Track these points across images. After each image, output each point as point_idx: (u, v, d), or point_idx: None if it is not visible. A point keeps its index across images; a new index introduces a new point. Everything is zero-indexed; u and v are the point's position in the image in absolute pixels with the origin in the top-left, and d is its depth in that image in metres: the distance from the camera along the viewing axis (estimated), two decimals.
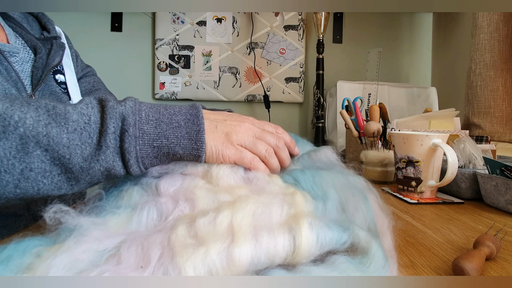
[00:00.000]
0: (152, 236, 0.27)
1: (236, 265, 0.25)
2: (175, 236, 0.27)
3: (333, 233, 0.28)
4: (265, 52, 1.46)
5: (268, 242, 0.26)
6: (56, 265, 0.24)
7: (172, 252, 0.25)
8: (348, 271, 0.26)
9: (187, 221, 0.29)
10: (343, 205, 0.34)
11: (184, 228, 0.28)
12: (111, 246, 0.27)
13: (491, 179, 0.53)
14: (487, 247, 0.33)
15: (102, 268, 0.24)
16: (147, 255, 0.25)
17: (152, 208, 0.33)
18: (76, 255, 0.25)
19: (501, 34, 1.02)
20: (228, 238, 0.26)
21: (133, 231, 0.30)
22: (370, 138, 0.78)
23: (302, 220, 0.28)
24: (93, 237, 0.27)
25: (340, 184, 0.37)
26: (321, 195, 0.35)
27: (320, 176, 0.38)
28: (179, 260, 0.24)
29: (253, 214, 0.29)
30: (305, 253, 0.27)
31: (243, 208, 0.29)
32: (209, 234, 0.27)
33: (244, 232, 0.27)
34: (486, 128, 1.05)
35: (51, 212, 0.29)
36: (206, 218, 0.29)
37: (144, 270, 0.24)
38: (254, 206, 0.30)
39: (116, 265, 0.25)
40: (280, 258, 0.26)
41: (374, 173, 0.75)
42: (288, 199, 0.32)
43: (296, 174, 0.40)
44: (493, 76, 1.03)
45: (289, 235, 0.27)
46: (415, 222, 0.46)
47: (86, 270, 0.24)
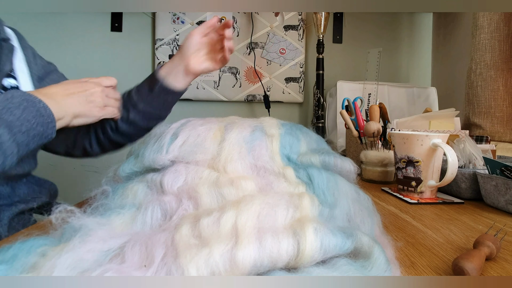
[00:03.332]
0: (156, 236, 0.27)
1: (238, 267, 0.24)
2: (179, 236, 0.27)
3: (337, 239, 0.28)
4: (265, 52, 1.46)
5: (272, 245, 0.26)
6: (61, 264, 0.24)
7: (175, 252, 0.25)
8: (349, 273, 0.26)
9: (191, 220, 0.29)
10: (350, 216, 0.34)
11: (188, 228, 0.28)
12: (116, 246, 0.27)
13: (491, 179, 0.53)
14: (487, 247, 0.33)
15: (105, 267, 0.24)
16: (151, 254, 0.25)
17: (156, 208, 0.33)
18: (80, 255, 0.25)
19: (501, 34, 1.02)
20: (232, 239, 0.26)
21: (138, 231, 0.30)
22: (370, 138, 0.78)
23: (307, 225, 0.28)
24: (98, 237, 0.28)
25: (352, 196, 0.38)
26: (330, 202, 0.35)
27: (335, 181, 0.38)
28: (182, 261, 0.24)
29: (258, 215, 0.29)
30: (308, 258, 0.26)
31: (248, 209, 0.29)
32: (213, 234, 0.27)
33: (248, 234, 0.26)
34: (486, 128, 1.05)
35: (57, 212, 0.30)
36: (210, 218, 0.29)
37: (147, 269, 0.24)
38: (259, 207, 0.30)
39: (120, 264, 0.25)
40: (283, 262, 0.26)
41: (374, 173, 0.75)
42: (295, 201, 0.32)
43: (313, 172, 0.39)
44: (494, 76, 1.03)
45: (293, 239, 0.27)
46: (415, 222, 0.46)
47: (90, 270, 0.24)
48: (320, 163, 0.41)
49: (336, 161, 0.42)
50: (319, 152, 0.43)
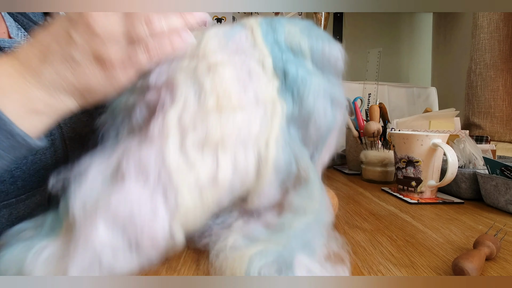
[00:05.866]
0: (147, 151, 0.29)
1: (219, 185, 0.29)
2: (168, 156, 0.28)
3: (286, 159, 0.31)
4: None
5: (243, 161, 0.30)
6: (79, 192, 0.27)
7: (168, 173, 0.28)
8: (296, 202, 0.31)
9: (177, 138, 0.30)
10: (316, 115, 0.35)
11: (176, 148, 0.29)
12: (113, 164, 0.29)
13: (491, 179, 0.53)
14: (487, 247, 0.33)
15: (113, 188, 0.27)
16: (145, 172, 0.28)
17: (142, 106, 0.33)
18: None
19: (501, 34, 1.02)
20: (214, 160, 0.29)
21: (128, 144, 0.31)
22: (370, 138, 0.78)
23: (271, 141, 0.31)
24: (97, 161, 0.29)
25: (323, 94, 0.37)
26: (298, 101, 0.35)
27: (310, 80, 0.36)
28: (176, 182, 0.27)
29: (237, 132, 0.31)
30: (270, 171, 0.31)
31: (225, 124, 0.30)
32: (197, 155, 0.29)
33: (225, 153, 0.30)
34: (486, 128, 1.05)
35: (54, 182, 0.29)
36: (193, 135, 0.30)
37: (146, 184, 0.27)
38: (238, 123, 0.31)
39: (123, 182, 0.27)
40: (250, 178, 0.31)
41: (374, 173, 0.75)
42: (268, 112, 0.33)
43: (290, 68, 0.36)
44: (493, 76, 1.03)
45: (257, 154, 0.31)
46: (415, 222, 0.46)
47: (102, 193, 0.27)
48: (308, 49, 0.39)
49: (324, 48, 0.40)
50: (308, 35, 0.39)
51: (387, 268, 0.32)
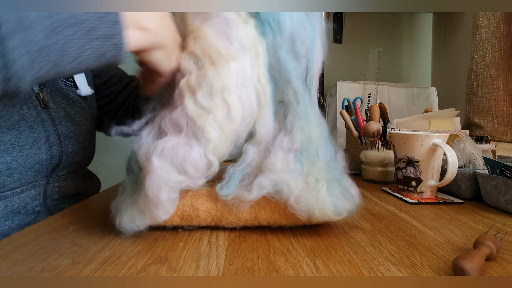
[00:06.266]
0: (174, 112, 0.38)
1: (234, 121, 0.37)
2: (189, 110, 0.37)
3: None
4: None
5: (249, 101, 0.39)
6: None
7: (193, 120, 0.36)
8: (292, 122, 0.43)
9: (190, 94, 0.37)
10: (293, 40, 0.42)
11: (191, 102, 0.37)
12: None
13: (491, 179, 0.53)
14: (487, 247, 0.33)
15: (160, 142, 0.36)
16: (178, 125, 0.37)
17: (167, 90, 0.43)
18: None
19: (502, 34, 1.02)
20: (224, 106, 0.37)
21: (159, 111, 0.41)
22: (370, 138, 0.78)
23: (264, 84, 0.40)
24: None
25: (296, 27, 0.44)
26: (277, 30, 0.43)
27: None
28: (200, 124, 0.36)
29: (235, 82, 0.38)
30: (268, 100, 0.41)
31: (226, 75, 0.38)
32: (210, 104, 0.37)
33: (233, 99, 0.37)
34: (487, 128, 1.05)
35: (114, 132, 0.38)
36: (203, 92, 0.37)
37: (181, 134, 0.37)
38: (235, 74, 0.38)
39: (165, 137, 0.37)
40: (253, 106, 0.39)
41: (374, 173, 0.75)
42: (253, 51, 0.40)
43: None
44: (494, 76, 1.03)
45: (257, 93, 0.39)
46: (415, 222, 0.46)
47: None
48: None
49: None
50: None
51: (387, 268, 0.32)
